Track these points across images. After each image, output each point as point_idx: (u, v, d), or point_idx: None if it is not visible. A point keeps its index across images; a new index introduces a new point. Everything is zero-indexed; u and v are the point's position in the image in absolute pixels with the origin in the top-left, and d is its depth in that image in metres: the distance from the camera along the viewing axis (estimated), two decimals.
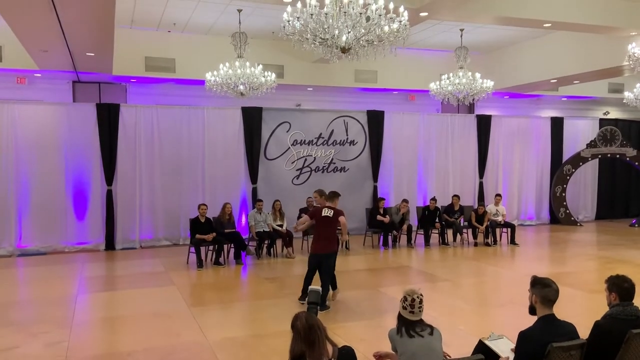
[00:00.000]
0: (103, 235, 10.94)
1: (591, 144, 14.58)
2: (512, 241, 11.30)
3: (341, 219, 6.70)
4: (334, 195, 6.94)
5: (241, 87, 9.96)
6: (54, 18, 7.44)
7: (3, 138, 10.30)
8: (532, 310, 3.31)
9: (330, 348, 2.71)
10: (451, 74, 11.16)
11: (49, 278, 8.50)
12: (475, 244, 11.31)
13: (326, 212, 6.74)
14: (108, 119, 10.89)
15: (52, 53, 9.68)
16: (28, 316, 6.44)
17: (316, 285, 3.47)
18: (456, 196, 11.94)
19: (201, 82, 10.75)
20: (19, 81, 11.97)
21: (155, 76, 12.07)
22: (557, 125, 14.88)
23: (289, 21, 5.62)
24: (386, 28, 5.73)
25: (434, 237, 11.42)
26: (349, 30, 5.50)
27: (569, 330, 3.23)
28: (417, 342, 3.18)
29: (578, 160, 14.61)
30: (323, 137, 12.60)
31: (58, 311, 6.50)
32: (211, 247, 9.59)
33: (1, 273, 8.90)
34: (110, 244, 10.94)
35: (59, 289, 7.74)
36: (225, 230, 9.66)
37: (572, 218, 14.60)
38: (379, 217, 11.04)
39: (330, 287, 6.74)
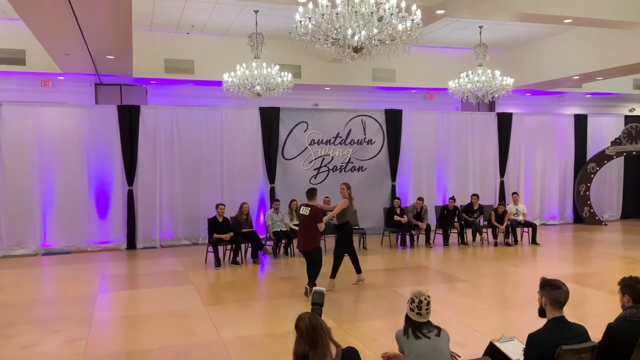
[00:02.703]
0: (124, 234, 11.16)
1: (616, 142, 14.24)
2: (534, 241, 11.12)
3: (319, 225, 6.98)
4: (312, 192, 7.03)
5: (258, 87, 10.03)
6: (73, 22, 7.62)
7: (28, 140, 10.58)
8: (542, 313, 3.26)
9: (334, 349, 2.71)
10: (470, 72, 11.05)
11: (71, 277, 8.70)
12: (495, 244, 11.15)
13: (303, 211, 6.83)
14: (129, 121, 11.10)
15: (73, 56, 9.90)
16: (50, 314, 6.61)
17: (320, 286, 3.45)
18: (475, 195, 11.81)
19: (219, 83, 10.87)
20: (43, 84, 12.28)
21: (175, 78, 12.24)
22: (580, 122, 14.58)
23: (301, 22, 5.64)
24: (399, 27, 5.71)
25: (453, 236, 11.32)
26: (361, 29, 5.49)
27: (579, 333, 3.17)
28: (424, 343, 3.17)
29: (602, 158, 14.29)
30: (341, 137, 12.61)
31: (79, 309, 6.66)
32: (229, 247, 9.69)
33: (26, 272, 9.15)
34: (131, 243, 11.15)
35: (81, 287, 7.92)
36: (243, 230, 9.75)
37: (597, 217, 14.29)
38: (396, 217, 11.00)
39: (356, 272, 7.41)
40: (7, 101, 10.77)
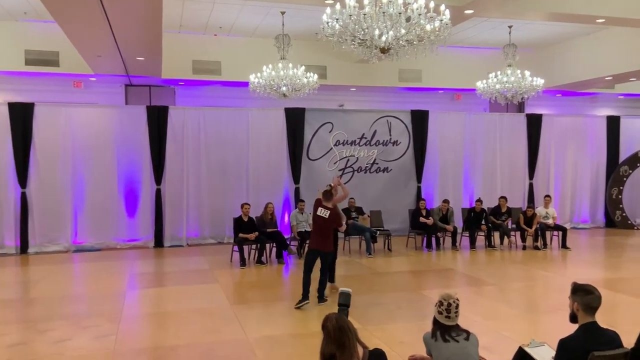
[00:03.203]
0: (152, 232, 11.36)
1: None
2: (564, 245, 10.89)
3: (341, 227, 7.16)
4: (330, 195, 6.93)
5: (284, 88, 10.10)
6: (106, 25, 7.81)
7: (61, 139, 10.88)
8: (574, 319, 3.19)
9: (360, 350, 2.71)
10: (499, 72, 10.91)
11: (101, 273, 8.91)
12: (524, 248, 10.97)
13: (321, 212, 6.69)
14: (157, 121, 11.29)
15: (105, 58, 10.15)
16: (81, 310, 6.78)
17: (346, 288, 3.44)
18: (503, 198, 11.63)
19: (245, 84, 10.99)
20: (75, 85, 12.62)
21: (202, 79, 12.43)
22: (613, 124, 14.20)
23: (328, 23, 5.65)
24: (427, 27, 5.67)
25: (480, 239, 11.17)
26: (389, 30, 5.48)
27: (612, 339, 3.09)
28: (452, 347, 3.14)
29: (635, 160, 13.90)
30: (366, 138, 12.57)
31: (108, 306, 6.81)
32: (254, 246, 9.77)
33: (58, 268, 9.41)
34: (159, 241, 11.34)
35: (110, 284, 8.10)
36: (268, 230, 9.82)
37: (629, 221, 13.91)
38: (422, 219, 10.91)
39: (328, 281, 7.13)
40: (41, 102, 11.09)
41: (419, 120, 12.81)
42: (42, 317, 6.28)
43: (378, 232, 10.65)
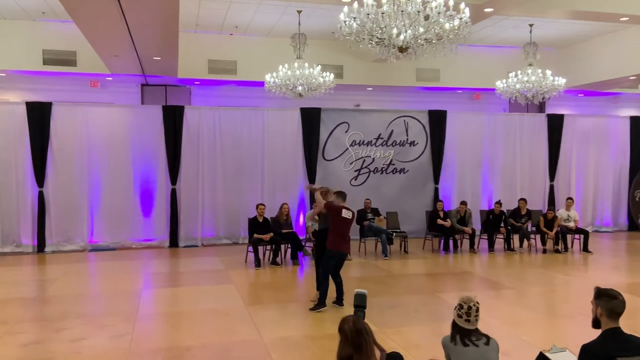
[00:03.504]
0: (167, 232, 11.48)
1: None
2: (585, 248, 10.74)
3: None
4: (344, 195, 6.89)
5: (300, 87, 10.12)
6: (123, 25, 7.91)
7: (78, 139, 11.04)
8: (597, 324, 3.14)
9: (378, 353, 2.71)
10: (519, 72, 10.81)
11: (117, 273, 9.03)
12: (544, 251, 10.84)
13: (346, 214, 6.60)
14: (173, 121, 11.40)
15: (122, 58, 10.28)
16: (97, 309, 6.88)
17: (362, 289, 3.43)
18: (523, 200, 11.51)
19: (261, 84, 11.03)
20: (92, 84, 12.79)
21: (218, 78, 12.52)
22: (637, 125, 13.96)
23: (345, 21, 5.65)
24: (447, 25, 5.64)
25: (499, 242, 11.09)
26: (407, 29, 5.46)
27: (636, 345, 3.04)
28: (472, 351, 3.11)
29: None
30: (382, 138, 12.54)
31: (124, 305, 6.90)
32: (269, 247, 9.81)
33: (74, 267, 9.55)
34: (174, 241, 11.45)
35: (126, 283, 8.21)
36: (283, 231, 9.84)
37: None
38: (439, 221, 10.84)
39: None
40: (58, 101, 11.27)
41: (437, 120, 12.75)
42: (57, 316, 6.39)
43: (394, 234, 10.62)
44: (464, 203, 11.20)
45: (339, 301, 6.69)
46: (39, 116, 10.75)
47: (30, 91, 12.30)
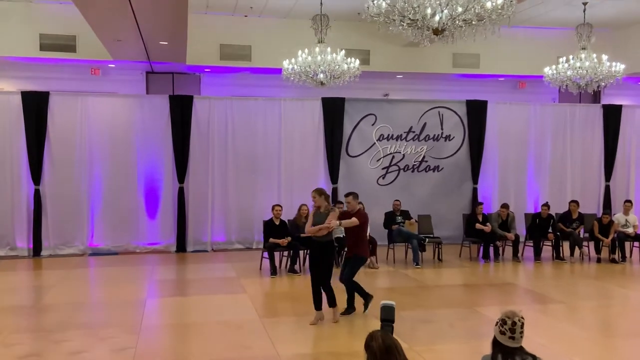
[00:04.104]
0: (174, 236, 11.62)
1: None
2: None
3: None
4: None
5: (321, 75, 10.10)
6: (126, 6, 8.01)
7: (77, 132, 11.25)
8: None
9: None
10: (571, 57, 10.64)
11: (119, 279, 9.17)
12: (598, 260, 10.71)
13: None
14: (181, 112, 11.52)
15: (125, 42, 10.41)
16: (97, 319, 7.01)
17: (389, 300, 3.41)
18: (575, 202, 11.35)
19: (278, 71, 11.04)
20: (93, 72, 12.98)
21: (230, 65, 12.59)
22: None
23: (373, 1, 5.63)
24: (488, 4, 5.58)
25: (546, 250, 10.98)
26: (443, 8, 5.41)
27: None
28: None
29: None
30: (414, 132, 12.48)
31: (127, 315, 7.01)
32: (286, 253, 9.84)
33: (73, 273, 9.73)
34: (181, 246, 11.58)
35: (129, 291, 8.32)
36: (302, 235, 9.82)
37: None
38: (478, 226, 10.75)
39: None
40: (56, 90, 11.48)
41: (476, 111, 12.65)
42: (56, 326, 6.51)
43: (427, 240, 10.56)
44: (505, 206, 11.09)
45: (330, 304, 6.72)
46: (35, 107, 10.97)
47: (25, 79, 12.55)
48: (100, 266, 10.41)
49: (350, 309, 6.96)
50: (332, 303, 6.68)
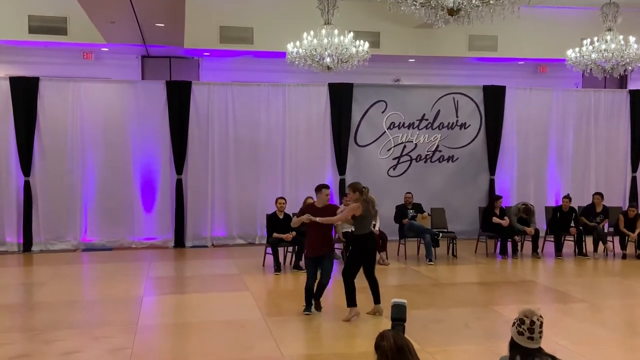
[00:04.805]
0: (172, 230, 11.68)
1: None
2: None
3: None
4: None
5: (328, 59, 10.07)
6: None
7: (69, 120, 11.31)
8: None
9: None
10: (596, 38, 10.55)
11: (114, 276, 9.23)
12: (624, 256, 10.69)
13: None
14: (179, 99, 11.55)
15: (119, 24, 10.42)
16: (92, 317, 7.06)
17: (401, 299, 3.42)
18: (599, 194, 11.32)
19: (282, 55, 11.02)
20: (85, 56, 12.98)
21: (231, 48, 12.56)
22: None
23: None
24: None
25: (568, 245, 10.98)
26: None
27: None
28: None
29: None
30: (427, 119, 12.48)
31: (123, 314, 7.06)
32: (290, 249, 9.87)
33: (65, 269, 9.80)
34: (179, 241, 11.64)
35: (125, 288, 8.39)
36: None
37: None
38: (495, 220, 10.74)
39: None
40: (46, 76, 11.51)
41: (494, 97, 12.66)
42: (47, 325, 6.56)
43: (441, 235, 10.57)
44: (525, 204, 11.09)
45: (317, 305, 6.97)
46: (24, 93, 11.02)
47: (14, 64, 12.57)
48: (94, 262, 10.48)
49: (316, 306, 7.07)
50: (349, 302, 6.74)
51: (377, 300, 6.96)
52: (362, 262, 6.83)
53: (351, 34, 10.14)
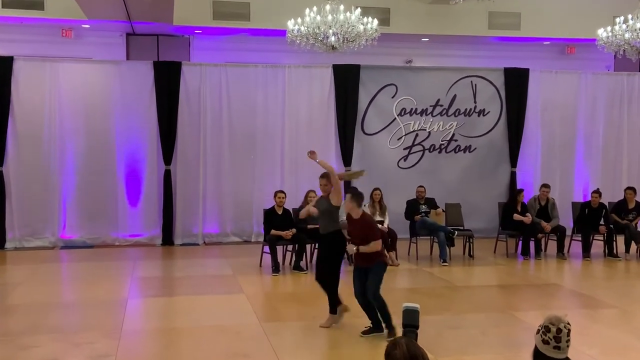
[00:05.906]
0: (160, 226, 11.70)
1: None
2: None
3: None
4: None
5: (332, 38, 10.04)
6: None
7: (46, 104, 11.30)
8: None
9: None
10: (629, 16, 10.52)
11: (96, 276, 9.25)
12: None
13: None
14: (167, 81, 11.55)
15: None
16: (71, 322, 7.08)
17: (412, 303, 3.43)
18: (631, 189, 11.32)
19: (282, 33, 10.99)
20: (65, 34, 12.95)
21: (225, 26, 12.53)
22: None
23: None
24: None
25: (597, 245, 10.98)
26: None
27: None
28: None
29: None
30: (442, 105, 12.48)
31: (105, 318, 7.07)
32: (290, 247, 9.88)
33: (42, 268, 9.83)
34: (167, 238, 11.67)
35: (108, 290, 8.40)
36: (309, 226, 9.84)
37: None
38: (516, 216, 10.73)
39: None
40: (22, 55, 11.49)
41: (516, 81, 12.66)
42: (25, 330, 6.57)
43: (456, 233, 10.57)
44: (546, 186, 11.05)
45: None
46: None
47: None
48: (74, 261, 10.50)
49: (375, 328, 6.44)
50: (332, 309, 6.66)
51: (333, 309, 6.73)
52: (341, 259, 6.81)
53: (358, 9, 10.10)
